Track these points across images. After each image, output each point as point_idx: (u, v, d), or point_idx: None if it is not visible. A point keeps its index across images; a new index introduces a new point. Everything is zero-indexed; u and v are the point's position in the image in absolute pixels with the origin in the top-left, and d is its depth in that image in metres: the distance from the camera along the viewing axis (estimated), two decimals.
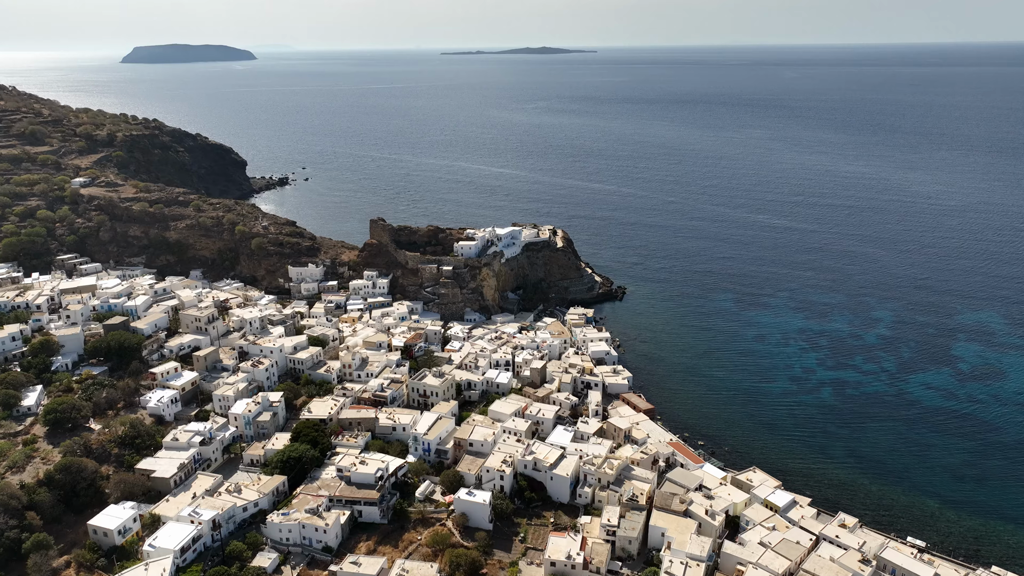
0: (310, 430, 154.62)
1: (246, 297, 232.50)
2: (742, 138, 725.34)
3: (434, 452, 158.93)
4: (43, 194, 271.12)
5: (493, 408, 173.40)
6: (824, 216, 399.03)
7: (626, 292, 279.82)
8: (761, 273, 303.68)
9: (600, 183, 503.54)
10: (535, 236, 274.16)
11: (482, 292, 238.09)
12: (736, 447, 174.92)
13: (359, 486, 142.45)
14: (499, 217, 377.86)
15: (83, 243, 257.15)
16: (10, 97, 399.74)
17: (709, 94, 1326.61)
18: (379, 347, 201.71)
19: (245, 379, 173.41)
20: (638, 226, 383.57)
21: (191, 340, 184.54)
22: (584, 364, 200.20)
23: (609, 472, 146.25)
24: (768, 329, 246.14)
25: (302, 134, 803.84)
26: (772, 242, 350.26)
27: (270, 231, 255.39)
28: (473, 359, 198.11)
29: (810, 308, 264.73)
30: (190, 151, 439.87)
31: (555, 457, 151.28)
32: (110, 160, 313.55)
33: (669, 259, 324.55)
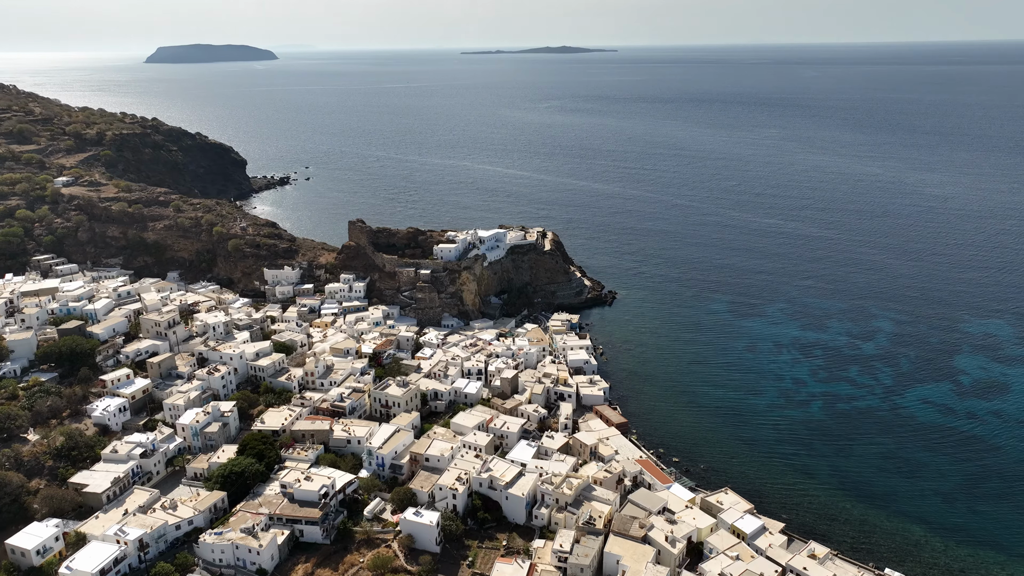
0: (257, 442, 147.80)
1: (219, 300, 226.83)
2: (755, 138, 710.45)
3: (388, 467, 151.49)
4: (24, 193, 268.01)
5: (455, 420, 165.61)
6: (833, 220, 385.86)
7: (616, 297, 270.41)
8: (760, 279, 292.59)
9: (605, 184, 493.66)
10: (522, 239, 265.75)
11: (461, 297, 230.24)
12: (713, 465, 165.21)
13: (302, 503, 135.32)
14: (496, 219, 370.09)
15: (61, 243, 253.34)
16: (7, 96, 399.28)
17: (726, 93, 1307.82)
18: (346, 354, 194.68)
19: (200, 387, 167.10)
20: (639, 229, 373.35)
21: (149, 346, 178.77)
22: (560, 374, 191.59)
23: (567, 492, 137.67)
24: (761, 338, 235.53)
25: (311, 133, 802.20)
26: (775, 247, 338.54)
27: (248, 232, 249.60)
28: (443, 367, 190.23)
29: (808, 316, 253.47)
30: (188, 150, 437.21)
31: (512, 475, 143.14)
32: (98, 159, 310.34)
33: (666, 264, 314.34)
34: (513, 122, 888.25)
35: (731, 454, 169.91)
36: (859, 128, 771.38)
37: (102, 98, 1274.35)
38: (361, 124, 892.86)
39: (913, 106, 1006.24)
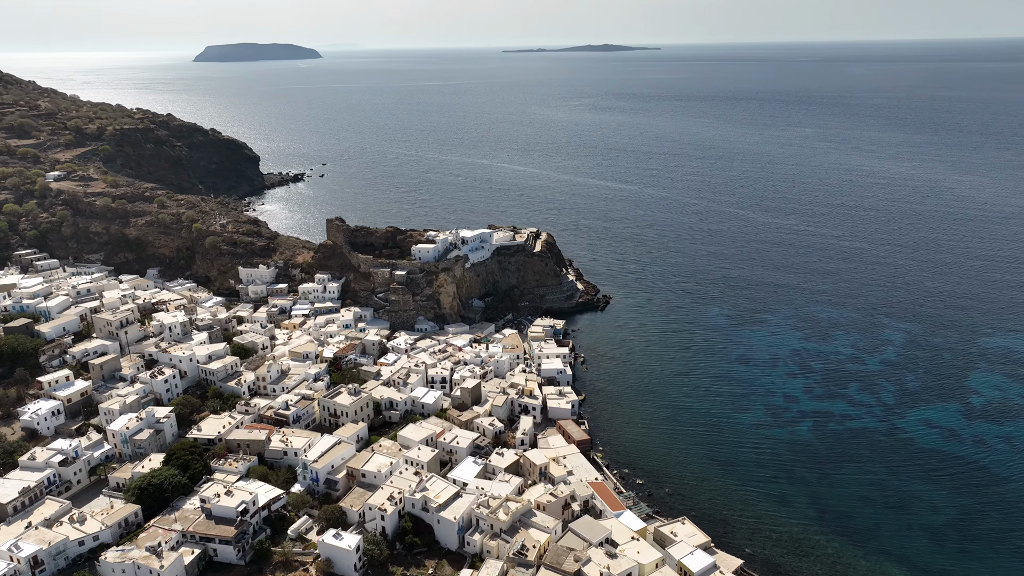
0: (184, 452, 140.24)
1: (191, 299, 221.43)
2: (787, 136, 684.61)
3: (323, 482, 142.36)
4: (14, 187, 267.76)
5: (402, 433, 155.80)
6: (858, 222, 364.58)
7: (610, 302, 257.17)
8: (768, 286, 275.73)
9: (623, 184, 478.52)
10: (510, 239, 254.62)
11: (438, 299, 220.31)
12: (680, 489, 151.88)
13: (219, 520, 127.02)
14: (503, 218, 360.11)
15: (44, 238, 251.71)
16: (22, 91, 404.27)
17: (765, 91, 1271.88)
18: (305, 358, 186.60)
19: (142, 391, 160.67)
20: (649, 231, 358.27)
21: (98, 346, 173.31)
22: (528, 384, 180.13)
23: (502, 518, 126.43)
24: (757, 350, 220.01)
25: (337, 130, 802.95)
26: (791, 252, 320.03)
27: (227, 229, 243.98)
28: (404, 375, 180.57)
29: (812, 327, 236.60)
30: (199, 146, 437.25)
31: (448, 496, 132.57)
32: (96, 154, 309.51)
33: (671, 268, 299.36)
34: (540, 120, 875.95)
35: (702, 477, 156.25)
36: (900, 127, 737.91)
37: (143, 95, 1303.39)
38: (388, 121, 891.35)
39: (963, 104, 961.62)
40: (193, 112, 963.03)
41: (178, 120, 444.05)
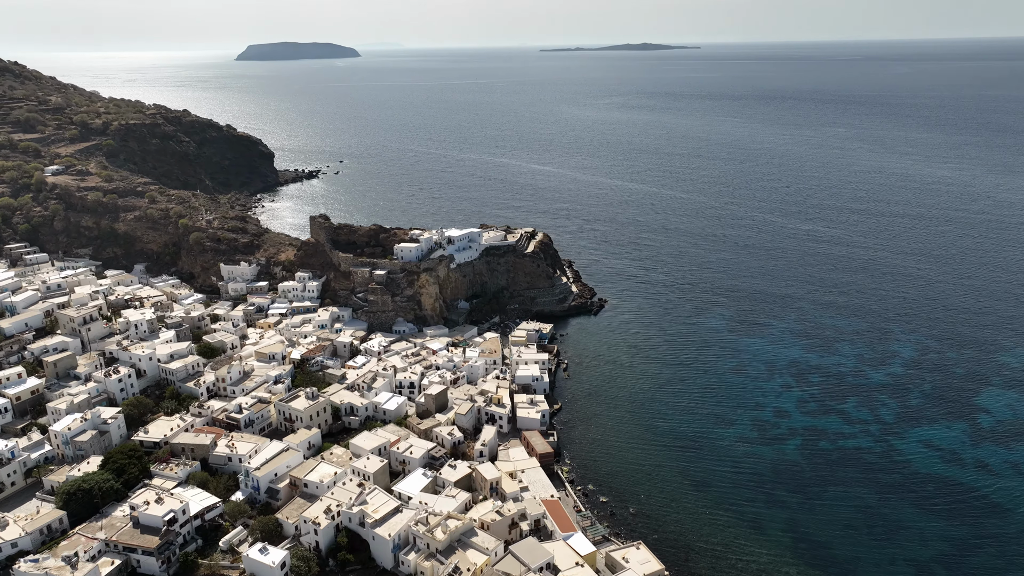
0: (122, 456, 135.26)
1: (170, 295, 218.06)
2: (819, 137, 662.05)
3: (265, 491, 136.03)
4: (12, 181, 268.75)
5: (354, 441, 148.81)
6: (883, 228, 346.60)
7: (604, 306, 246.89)
8: (776, 292, 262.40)
9: (640, 183, 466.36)
10: (501, 239, 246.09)
11: (419, 300, 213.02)
12: (646, 509, 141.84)
13: (145, 529, 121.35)
14: (510, 217, 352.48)
15: (36, 232, 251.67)
16: (37, 86, 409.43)
17: (801, 90, 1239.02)
18: (271, 359, 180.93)
19: (96, 390, 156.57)
20: (659, 233, 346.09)
21: (58, 343, 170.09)
22: (497, 392, 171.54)
23: (439, 537, 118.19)
24: (754, 359, 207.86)
25: (360, 127, 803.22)
26: (808, 256, 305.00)
27: (213, 225, 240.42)
28: (369, 379, 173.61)
29: (816, 336, 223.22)
30: (213, 142, 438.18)
31: (387, 511, 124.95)
32: (99, 149, 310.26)
33: (676, 271, 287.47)
34: (566, 118, 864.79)
35: (672, 497, 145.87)
36: (940, 127, 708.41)
37: (178, 93, 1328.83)
38: (413, 119, 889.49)
39: (1010, 104, 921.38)
40: (218, 109, 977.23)
41: (192, 116, 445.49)
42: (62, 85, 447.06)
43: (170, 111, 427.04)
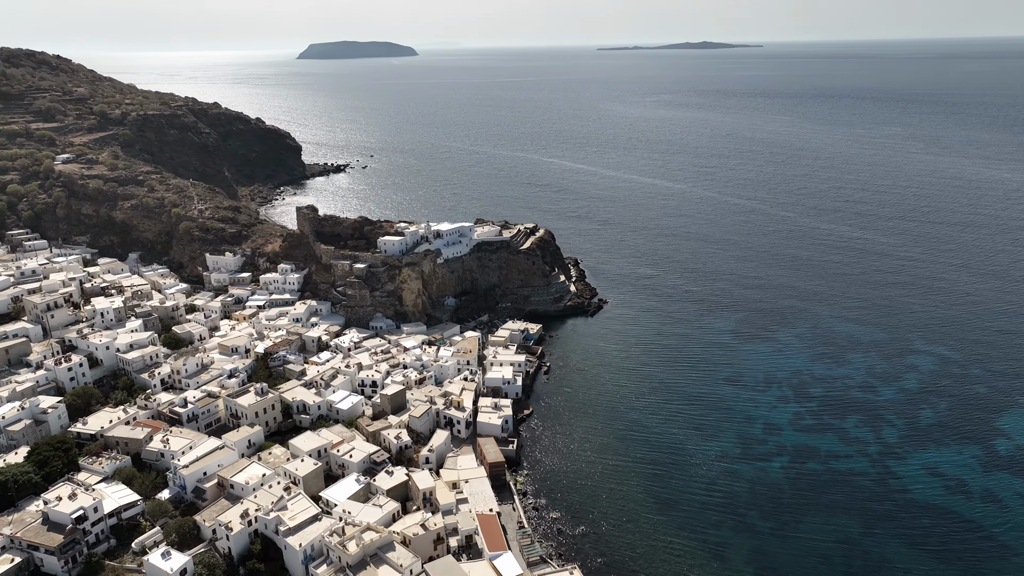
0: (48, 447, 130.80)
1: (156, 285, 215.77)
2: (871, 136, 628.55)
3: (191, 491, 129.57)
4: (23, 169, 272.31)
5: (293, 442, 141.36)
6: (925, 232, 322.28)
7: (603, 307, 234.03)
8: (794, 296, 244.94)
9: (672, 181, 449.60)
10: (496, 234, 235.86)
11: (400, 296, 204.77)
12: (598, 529, 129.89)
13: (53, 526, 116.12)
14: (527, 213, 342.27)
15: (39, 219, 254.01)
16: (70, 77, 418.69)
17: (861, 88, 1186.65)
18: (233, 351, 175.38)
19: (44, 377, 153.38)
20: (683, 233, 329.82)
21: (19, 329, 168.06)
22: (460, 395, 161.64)
23: (351, 551, 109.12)
24: (753, 369, 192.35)
25: (399, 123, 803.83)
26: (836, 260, 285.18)
27: (204, 215, 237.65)
28: (329, 376, 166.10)
29: (828, 345, 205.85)
30: (240, 135, 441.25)
31: (304, 518, 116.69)
32: (116, 139, 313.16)
33: (690, 272, 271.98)
34: (608, 115, 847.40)
35: (631, 516, 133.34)
36: (1005, 127, 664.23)
37: (232, 89, 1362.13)
38: (454, 115, 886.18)
39: None
40: (263, 104, 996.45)
41: (221, 109, 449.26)
42: (98, 78, 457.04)
43: (199, 103, 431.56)
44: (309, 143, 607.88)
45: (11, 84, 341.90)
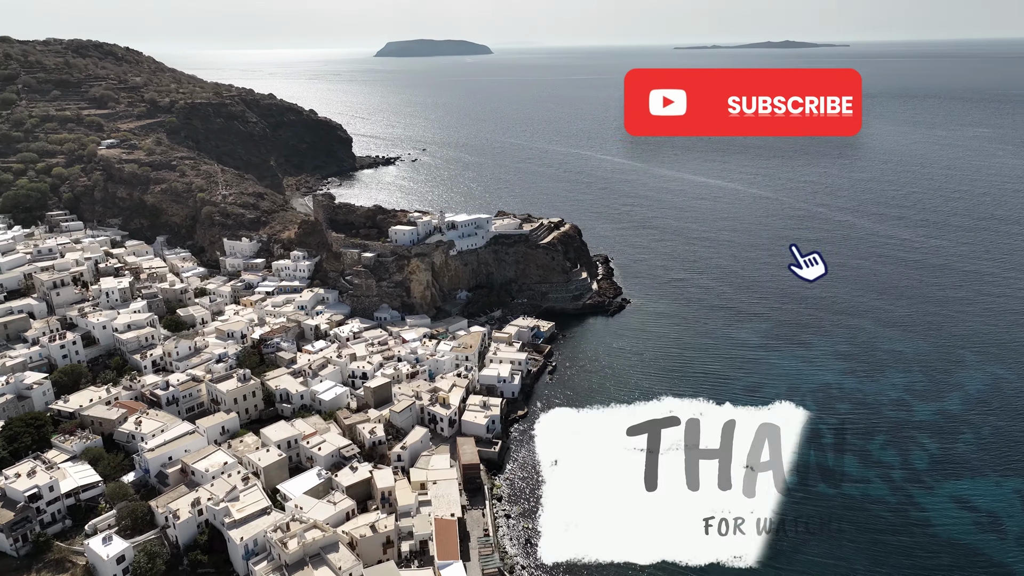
0: (21, 423, 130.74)
1: (175, 268, 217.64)
2: (954, 137, 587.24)
3: (155, 475, 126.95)
4: (69, 153, 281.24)
5: (265, 431, 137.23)
6: (1000, 241, 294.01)
7: (624, 308, 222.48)
8: (836, 305, 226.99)
9: (727, 181, 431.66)
10: (515, 228, 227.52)
11: (408, 287, 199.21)
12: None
13: (7, 504, 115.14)
14: (564, 208, 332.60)
15: (78, 202, 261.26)
16: (132, 66, 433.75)
17: (951, 88, 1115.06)
18: (229, 336, 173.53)
19: (38, 354, 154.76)
20: (725, 232, 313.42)
21: (23, 305, 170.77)
22: (450, 391, 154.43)
23: (291, 549, 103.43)
24: (775, 380, 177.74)
25: (458, 118, 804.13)
26: (893, 268, 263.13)
27: (227, 200, 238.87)
28: (318, 365, 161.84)
29: (864, 358, 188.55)
30: (291, 125, 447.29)
31: (252, 511, 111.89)
32: (163, 126, 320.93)
33: (726, 275, 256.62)
34: None
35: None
36: None
37: (307, 84, 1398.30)
38: (514, 112, 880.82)
39: None
40: (324, 98, 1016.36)
41: (275, 100, 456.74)
42: (160, 69, 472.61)
43: (252, 94, 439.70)
44: (365, 136, 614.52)
45: (71, 73, 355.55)
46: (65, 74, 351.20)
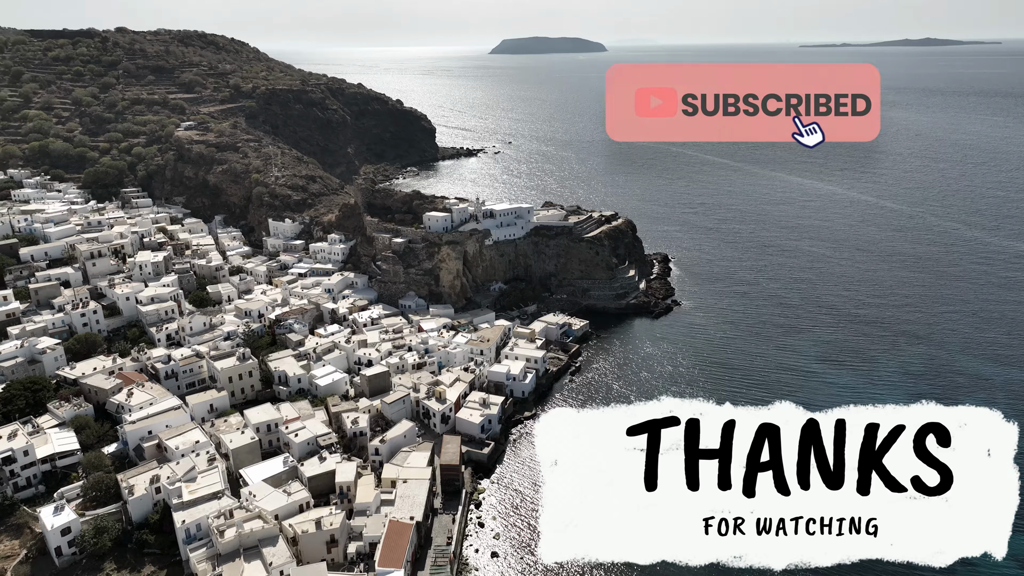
0: (20, 387, 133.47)
1: (222, 248, 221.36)
2: None
3: (133, 448, 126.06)
4: (150, 134, 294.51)
5: (248, 412, 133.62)
6: None
7: (672, 310, 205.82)
8: (917, 320, 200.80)
9: (822, 182, 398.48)
10: (560, 219, 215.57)
11: (438, 275, 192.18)
12: (544, 564, 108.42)
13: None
14: (636, 206, 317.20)
15: (151, 179, 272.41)
16: (227, 55, 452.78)
17: None
18: (246, 315, 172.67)
19: (61, 321, 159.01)
20: (807, 236, 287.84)
21: (61, 273, 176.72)
22: (450, 385, 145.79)
23: (226, 539, 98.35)
24: (826, 401, 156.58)
25: (554, 113, 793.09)
26: (992, 283, 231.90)
27: (278, 182, 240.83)
28: (323, 350, 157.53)
29: (939, 380, 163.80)
30: (375, 114, 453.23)
31: (205, 494, 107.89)
32: (242, 110, 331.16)
33: (796, 283, 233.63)
34: None
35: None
36: None
37: (415, 79, 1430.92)
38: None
39: None
40: (425, 91, 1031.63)
41: (361, 89, 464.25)
42: (258, 58, 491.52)
43: (338, 83, 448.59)
44: (454, 128, 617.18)
45: (167, 60, 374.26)
46: (162, 61, 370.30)
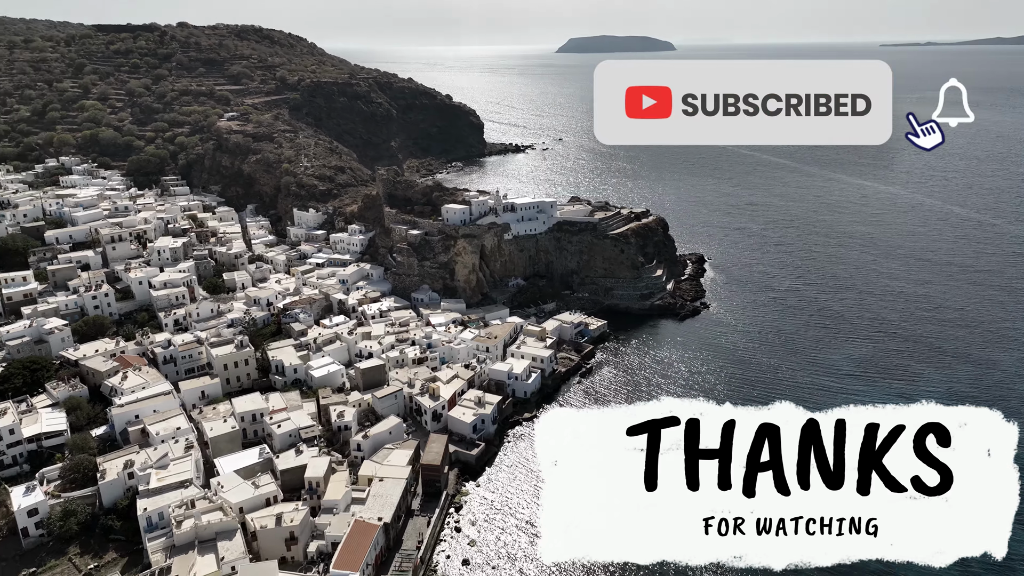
0: (20, 366, 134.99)
1: (248, 236, 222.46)
2: None
3: (120, 431, 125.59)
4: (194, 124, 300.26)
5: (236, 401, 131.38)
6: None
7: (699, 313, 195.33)
8: (966, 335, 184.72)
9: (886, 184, 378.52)
10: (585, 215, 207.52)
11: (453, 269, 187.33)
12: (513, 567, 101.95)
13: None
14: (682, 208, 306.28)
15: (190, 168, 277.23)
16: (279, 47, 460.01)
17: None
18: (255, 303, 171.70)
19: (74, 303, 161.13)
20: (859, 242, 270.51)
21: (81, 256, 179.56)
22: (448, 382, 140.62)
23: (184, 529, 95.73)
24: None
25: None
26: None
27: (307, 172, 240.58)
28: (325, 341, 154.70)
29: (987, 397, 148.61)
30: (423, 109, 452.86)
31: (172, 482, 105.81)
32: (287, 102, 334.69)
33: (840, 291, 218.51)
34: None
35: (558, 571, 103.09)
36: None
37: (474, 76, 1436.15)
38: None
39: None
40: (480, 88, 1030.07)
41: (410, 83, 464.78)
42: (312, 52, 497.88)
43: (387, 77, 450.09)
44: (505, 124, 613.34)
45: (218, 52, 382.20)
46: (213, 54, 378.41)
